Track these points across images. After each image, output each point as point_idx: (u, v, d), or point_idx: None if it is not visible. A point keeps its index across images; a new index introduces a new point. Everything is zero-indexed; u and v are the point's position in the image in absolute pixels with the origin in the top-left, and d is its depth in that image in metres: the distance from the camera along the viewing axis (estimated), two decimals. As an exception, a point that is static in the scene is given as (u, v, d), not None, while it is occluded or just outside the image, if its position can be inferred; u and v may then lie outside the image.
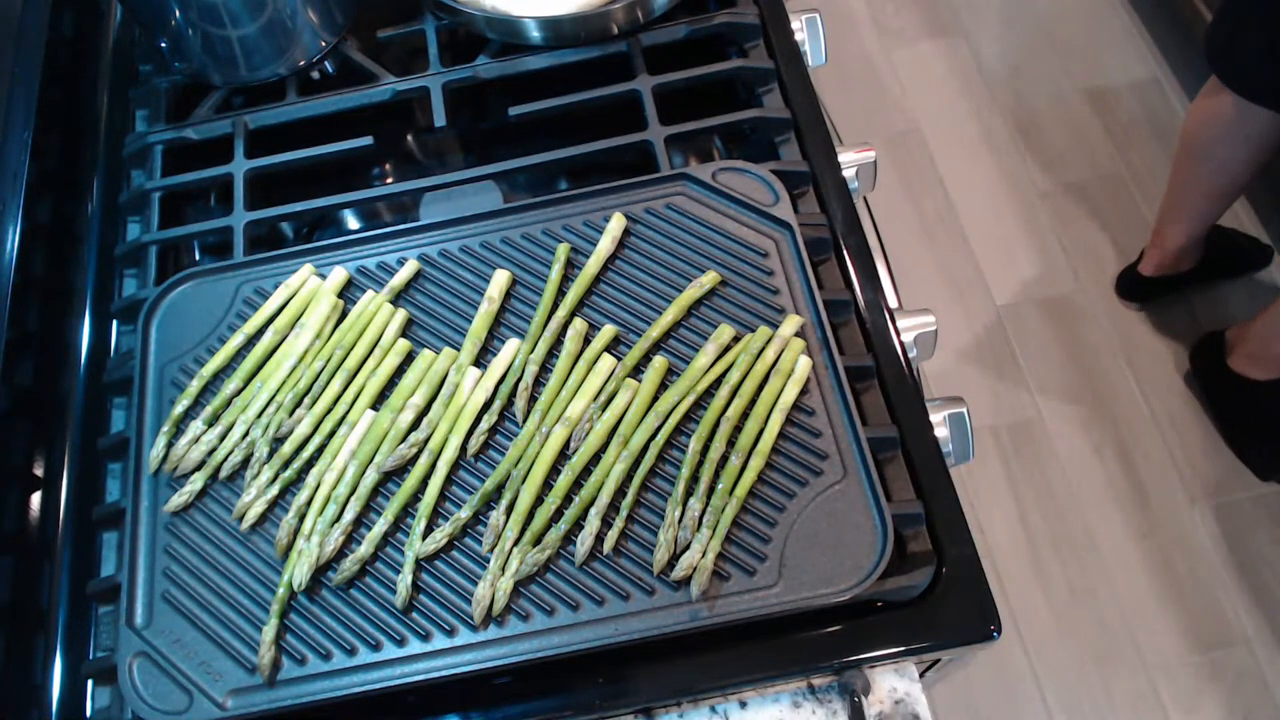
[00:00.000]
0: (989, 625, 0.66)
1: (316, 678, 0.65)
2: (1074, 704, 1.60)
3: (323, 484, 0.71)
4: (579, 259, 0.80)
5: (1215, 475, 1.76)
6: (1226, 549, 1.70)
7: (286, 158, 0.91)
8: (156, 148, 0.93)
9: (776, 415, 0.70)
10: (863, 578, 0.64)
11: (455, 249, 0.81)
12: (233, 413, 0.75)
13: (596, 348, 0.75)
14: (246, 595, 0.69)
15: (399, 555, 0.69)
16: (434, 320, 0.79)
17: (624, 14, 0.90)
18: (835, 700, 0.67)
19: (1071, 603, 1.68)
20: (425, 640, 0.66)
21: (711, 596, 0.65)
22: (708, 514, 0.67)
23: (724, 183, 0.81)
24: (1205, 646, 1.63)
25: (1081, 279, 1.96)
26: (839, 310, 0.77)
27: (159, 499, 0.73)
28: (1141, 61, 2.22)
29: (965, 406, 0.76)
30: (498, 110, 0.91)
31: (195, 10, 0.88)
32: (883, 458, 0.71)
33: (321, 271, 0.81)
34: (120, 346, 0.85)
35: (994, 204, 2.07)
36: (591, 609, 0.65)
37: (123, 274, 0.89)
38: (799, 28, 0.95)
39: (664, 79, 0.90)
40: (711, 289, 0.77)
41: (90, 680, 0.72)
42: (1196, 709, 1.58)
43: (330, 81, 0.98)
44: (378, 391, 0.75)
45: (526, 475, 0.70)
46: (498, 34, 0.94)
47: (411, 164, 1.00)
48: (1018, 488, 1.78)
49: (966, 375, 1.89)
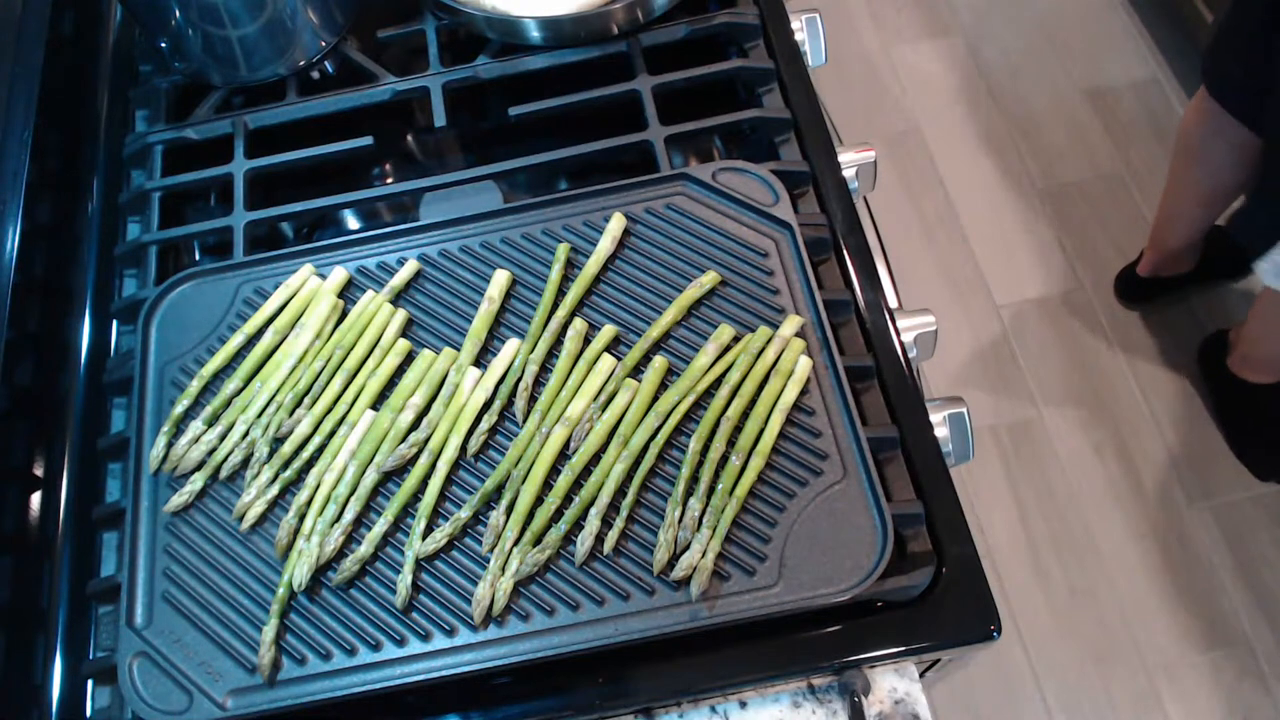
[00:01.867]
0: (989, 625, 0.66)
1: (316, 678, 0.65)
2: (1074, 704, 1.60)
3: (323, 484, 0.71)
4: (579, 259, 0.80)
5: (1215, 475, 1.76)
6: (1226, 549, 1.70)
7: (286, 158, 0.91)
8: (156, 148, 0.93)
9: (776, 415, 0.70)
10: (863, 578, 0.64)
11: (455, 249, 0.81)
12: (233, 413, 0.75)
13: (596, 348, 0.75)
14: (246, 595, 0.69)
15: (399, 555, 0.69)
16: (434, 320, 0.79)
17: (624, 14, 0.90)
18: (835, 700, 0.68)
19: (1071, 603, 1.68)
20: (425, 640, 0.66)
21: (711, 596, 0.65)
22: (708, 514, 0.67)
23: (724, 183, 0.81)
24: (1205, 646, 1.63)
25: (1081, 279, 1.96)
26: (839, 310, 0.77)
27: (159, 499, 0.73)
28: (1141, 61, 2.22)
29: (965, 406, 0.76)
30: (498, 110, 0.91)
31: (195, 10, 0.88)
32: (883, 458, 0.71)
33: (321, 271, 0.81)
34: (120, 346, 0.85)
35: (994, 204, 2.07)
36: (591, 609, 0.65)
37: (123, 274, 0.89)
38: (799, 28, 0.95)
39: (664, 79, 0.90)
40: (711, 289, 0.77)
41: (90, 680, 0.72)
42: (1196, 709, 1.58)
43: (330, 81, 0.98)
44: (378, 391, 0.75)
45: (526, 475, 0.70)
46: (498, 34, 0.94)
47: (411, 164, 1.00)
48: (1018, 488, 1.78)
49: (966, 375, 1.88)
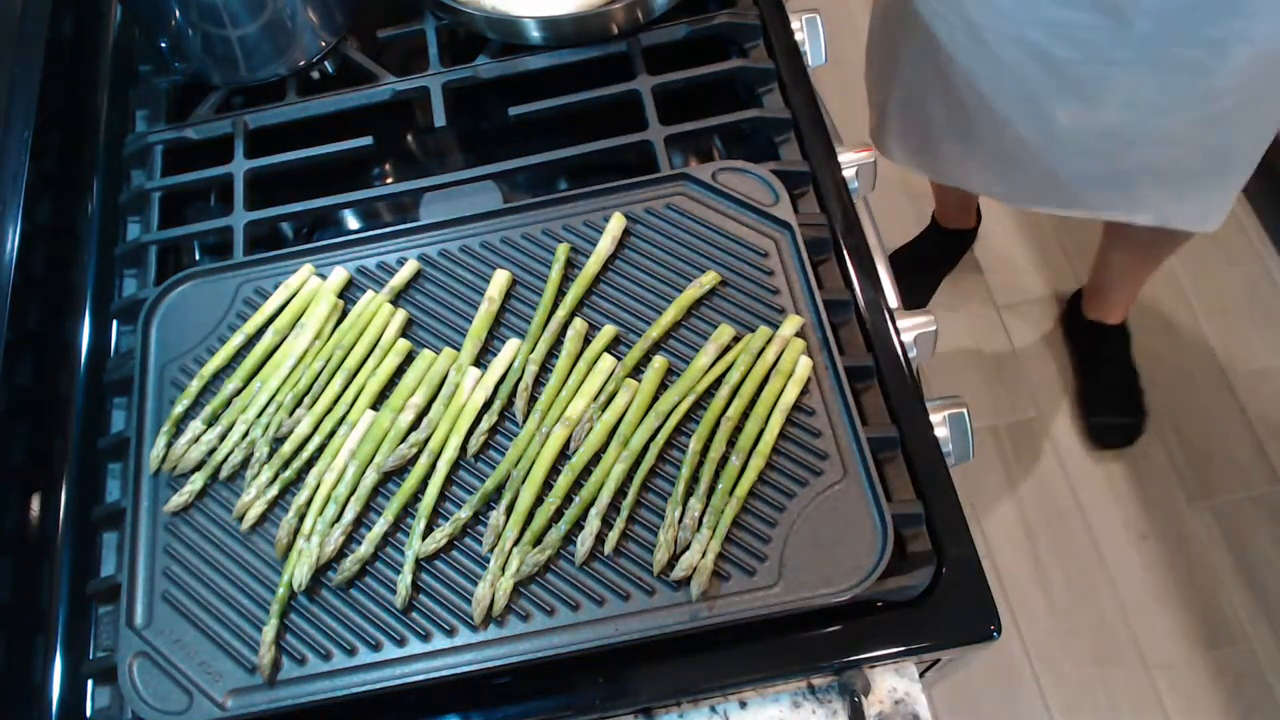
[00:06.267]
0: (989, 625, 0.66)
1: (316, 678, 0.65)
2: (1074, 704, 1.60)
3: (323, 484, 0.71)
4: (579, 259, 0.80)
5: (1215, 475, 1.76)
6: (1226, 549, 1.70)
7: (286, 158, 0.91)
8: (156, 148, 0.93)
9: (777, 415, 0.70)
10: (863, 578, 0.64)
11: (455, 249, 0.81)
12: (233, 413, 0.75)
13: (596, 348, 0.75)
14: (246, 595, 0.68)
15: (399, 555, 0.69)
16: (434, 320, 0.79)
17: (624, 14, 0.90)
18: (835, 700, 0.68)
19: (1071, 603, 1.68)
20: (425, 640, 0.66)
21: (711, 596, 0.65)
22: (708, 514, 0.67)
23: (724, 183, 0.81)
24: (1205, 646, 1.63)
25: (1081, 279, 1.96)
26: (839, 310, 0.77)
27: (159, 499, 0.72)
28: (1141, 61, 2.21)
29: (965, 406, 0.75)
30: (498, 110, 0.91)
31: (195, 10, 0.88)
32: (883, 458, 0.71)
33: (321, 271, 0.81)
34: (120, 346, 0.85)
35: (994, 203, 2.07)
36: (591, 609, 0.65)
37: (123, 274, 0.89)
38: (799, 28, 0.95)
39: (664, 79, 0.90)
40: (711, 289, 0.77)
41: (90, 680, 0.72)
42: (1196, 709, 1.58)
43: (330, 81, 0.98)
44: (378, 391, 0.75)
45: (526, 475, 0.70)
46: (498, 34, 0.93)
47: (411, 164, 1.00)
48: (1018, 488, 1.78)
49: (966, 375, 1.89)
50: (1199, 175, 1.21)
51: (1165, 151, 1.16)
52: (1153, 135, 1.13)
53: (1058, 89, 1.11)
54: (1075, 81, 1.09)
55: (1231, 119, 1.10)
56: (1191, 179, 1.21)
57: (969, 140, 1.27)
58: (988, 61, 1.13)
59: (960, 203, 1.85)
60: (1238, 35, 0.97)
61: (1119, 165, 1.20)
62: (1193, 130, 1.12)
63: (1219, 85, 1.05)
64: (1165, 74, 1.04)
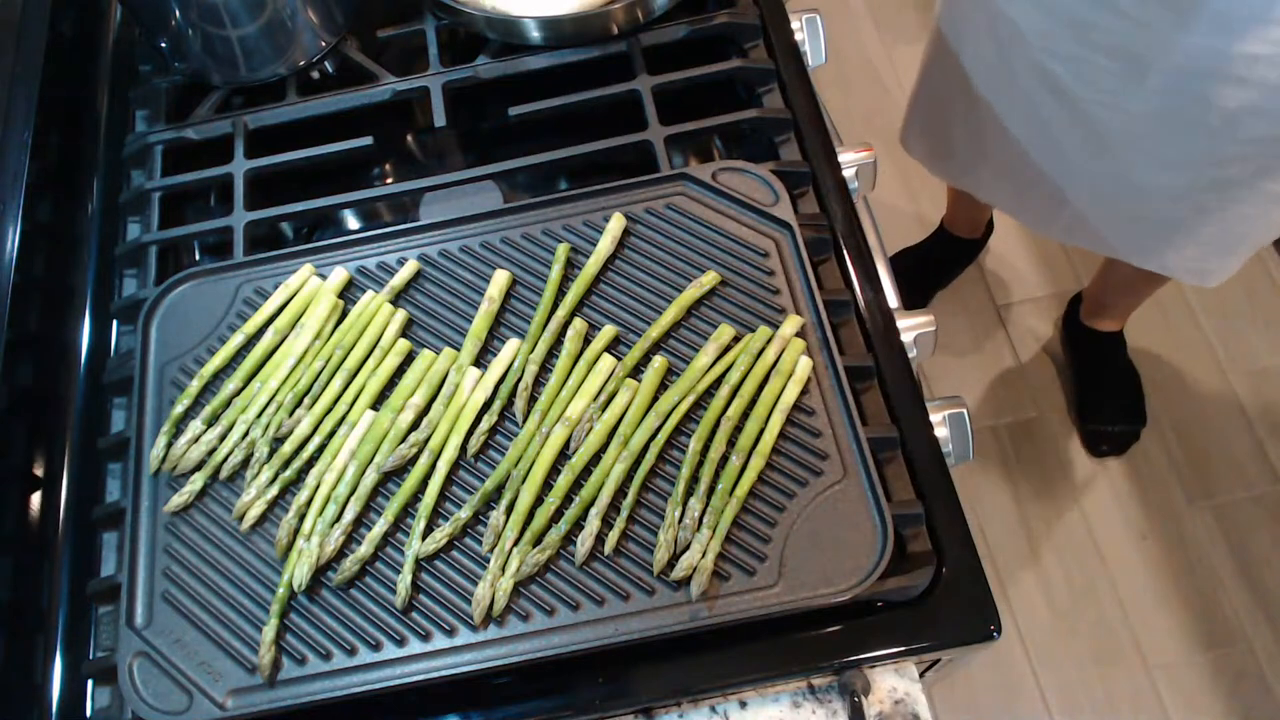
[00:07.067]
0: (989, 625, 0.66)
1: (316, 678, 0.65)
2: (1074, 704, 1.60)
3: (323, 484, 0.71)
4: (579, 259, 0.80)
5: (1215, 475, 1.76)
6: (1226, 549, 1.70)
7: (286, 158, 0.91)
8: (156, 148, 0.93)
9: (777, 415, 0.70)
10: (863, 578, 0.64)
11: (455, 249, 0.81)
12: (233, 413, 0.75)
13: (596, 348, 0.75)
14: (247, 595, 0.69)
15: (399, 555, 0.69)
16: (434, 320, 0.79)
17: (624, 14, 0.90)
18: (835, 700, 0.68)
19: (1071, 603, 1.68)
20: (425, 640, 0.66)
21: (711, 596, 0.65)
22: (708, 514, 0.67)
23: (724, 183, 0.81)
24: (1205, 646, 1.63)
25: (1083, 280, 1.96)
26: (839, 310, 0.77)
27: (159, 499, 0.73)
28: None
29: (965, 406, 0.75)
30: (498, 110, 0.91)
31: (195, 10, 0.88)
32: (883, 458, 0.71)
33: (321, 271, 0.81)
34: (120, 346, 0.85)
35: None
36: (591, 609, 0.65)
37: (123, 274, 0.89)
38: (799, 28, 0.95)
39: (664, 79, 0.90)
40: (711, 289, 0.77)
41: (90, 680, 0.72)
42: (1196, 709, 1.58)
43: (330, 81, 0.98)
44: (378, 391, 0.75)
45: (526, 475, 0.70)
46: (498, 34, 0.94)
47: (411, 164, 1.00)
48: (1018, 488, 1.78)
49: (966, 375, 1.88)
50: (1204, 240, 1.20)
51: (1169, 206, 1.16)
52: (1158, 187, 1.13)
53: (1069, 122, 1.11)
54: (1087, 118, 1.09)
55: (1237, 188, 1.09)
56: (1194, 239, 1.20)
57: (983, 150, 1.28)
58: (1007, 79, 1.14)
59: (971, 215, 1.84)
60: (1249, 107, 0.97)
61: (1123, 208, 1.20)
62: (1198, 191, 1.11)
63: (1227, 152, 1.04)
64: (1175, 130, 1.04)
